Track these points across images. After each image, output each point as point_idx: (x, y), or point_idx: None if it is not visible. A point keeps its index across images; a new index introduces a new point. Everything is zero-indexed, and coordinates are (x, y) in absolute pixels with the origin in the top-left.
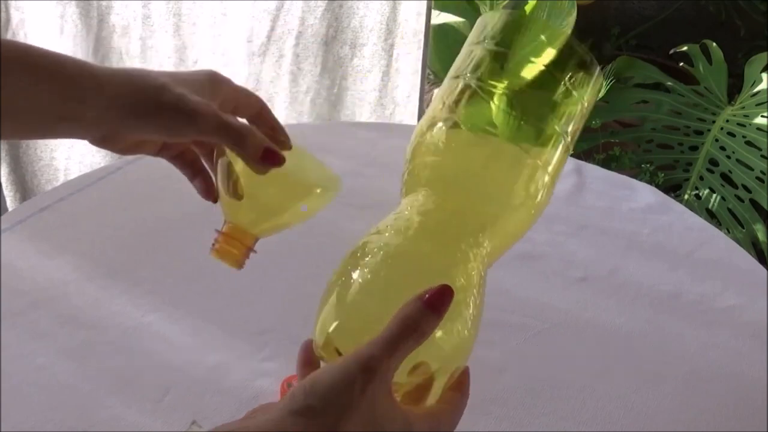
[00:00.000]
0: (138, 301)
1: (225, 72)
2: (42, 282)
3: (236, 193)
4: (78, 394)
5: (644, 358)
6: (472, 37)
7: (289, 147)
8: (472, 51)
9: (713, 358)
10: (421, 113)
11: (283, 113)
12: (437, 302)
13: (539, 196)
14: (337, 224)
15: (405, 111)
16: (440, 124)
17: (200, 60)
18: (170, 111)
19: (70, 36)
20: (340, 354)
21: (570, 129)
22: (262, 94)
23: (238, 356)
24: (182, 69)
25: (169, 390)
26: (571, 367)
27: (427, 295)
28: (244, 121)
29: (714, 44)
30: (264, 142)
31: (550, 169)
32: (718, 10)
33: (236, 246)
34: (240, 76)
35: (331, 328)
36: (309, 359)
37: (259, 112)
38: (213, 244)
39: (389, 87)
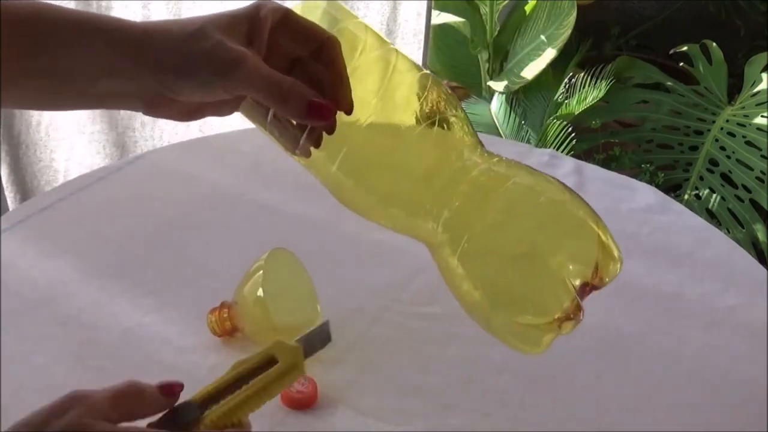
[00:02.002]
0: (138, 302)
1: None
2: (42, 282)
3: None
4: None
5: (644, 358)
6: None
7: (347, 107)
8: None
9: (713, 358)
10: None
11: None
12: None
13: None
14: (339, 225)
15: None
16: None
17: None
18: (202, 62)
19: None
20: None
21: None
22: None
23: (237, 356)
24: None
25: None
26: (571, 367)
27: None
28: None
29: (714, 44)
30: (308, 95)
31: None
32: (718, 10)
33: (221, 327)
34: None
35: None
36: None
37: (321, 48)
38: (212, 311)
39: None
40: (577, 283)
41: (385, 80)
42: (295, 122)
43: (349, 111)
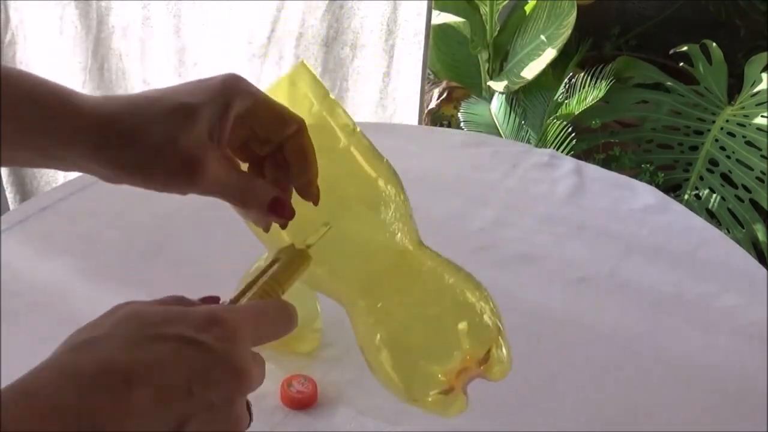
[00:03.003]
0: None
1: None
2: (42, 282)
3: None
4: None
5: (644, 358)
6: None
7: (314, 198)
8: None
9: (713, 358)
10: (421, 114)
11: None
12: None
13: None
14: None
15: (405, 112)
16: None
17: (200, 62)
18: (156, 171)
19: (70, 37)
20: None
21: None
22: None
23: None
24: (182, 71)
25: None
26: (571, 367)
27: None
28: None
29: (714, 44)
30: (268, 196)
31: None
32: (718, 10)
33: None
34: None
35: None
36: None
37: (290, 139)
38: None
39: (390, 88)
40: (468, 361)
41: (346, 168)
42: None
43: (316, 202)
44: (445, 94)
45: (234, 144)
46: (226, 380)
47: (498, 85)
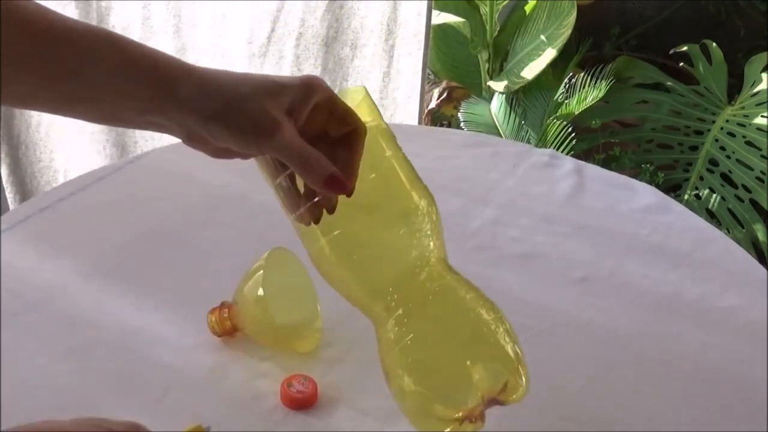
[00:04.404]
0: (138, 302)
1: None
2: (42, 282)
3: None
4: (78, 394)
5: (644, 358)
6: None
7: (349, 191)
8: None
9: (713, 358)
10: (421, 114)
11: None
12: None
13: None
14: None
15: (405, 112)
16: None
17: (200, 62)
18: (246, 122)
19: None
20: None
21: None
22: None
23: (237, 356)
24: None
25: (168, 390)
26: (571, 367)
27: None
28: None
29: (714, 44)
30: (329, 169)
31: None
32: (718, 10)
33: (221, 327)
34: None
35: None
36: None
37: (349, 133)
38: (212, 311)
39: (390, 88)
40: (486, 395)
41: (389, 182)
42: (301, 192)
43: (350, 194)
44: (445, 94)
45: (306, 131)
46: None
47: (498, 85)
